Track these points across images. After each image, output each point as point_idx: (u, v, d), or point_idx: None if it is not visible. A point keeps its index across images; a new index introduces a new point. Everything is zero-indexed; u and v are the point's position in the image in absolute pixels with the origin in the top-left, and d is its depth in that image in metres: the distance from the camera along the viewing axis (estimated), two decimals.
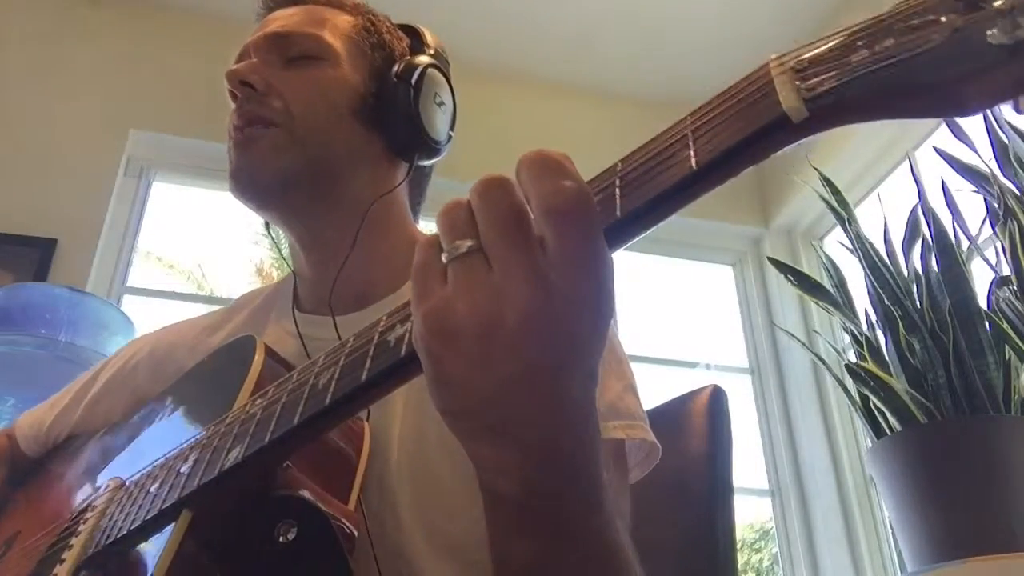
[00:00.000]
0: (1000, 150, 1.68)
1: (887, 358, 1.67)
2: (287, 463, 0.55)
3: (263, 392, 0.56)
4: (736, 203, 2.89)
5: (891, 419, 1.59)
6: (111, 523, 0.60)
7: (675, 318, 3.08)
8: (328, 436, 0.62)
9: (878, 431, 1.63)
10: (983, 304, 1.60)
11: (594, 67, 2.91)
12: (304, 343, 0.77)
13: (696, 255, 2.98)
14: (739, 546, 1.19)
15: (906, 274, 1.73)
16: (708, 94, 0.39)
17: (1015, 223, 1.55)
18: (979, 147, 1.72)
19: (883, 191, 2.60)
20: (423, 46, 0.88)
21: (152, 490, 0.57)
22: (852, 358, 1.82)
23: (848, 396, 1.78)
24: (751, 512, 4.09)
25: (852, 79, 0.33)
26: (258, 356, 0.65)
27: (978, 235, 1.71)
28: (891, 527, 2.16)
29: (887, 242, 1.80)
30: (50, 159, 2.32)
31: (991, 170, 1.66)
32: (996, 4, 0.29)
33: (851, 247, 1.80)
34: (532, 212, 0.39)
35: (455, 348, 0.38)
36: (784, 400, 2.72)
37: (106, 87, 2.49)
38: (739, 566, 0.94)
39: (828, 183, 1.92)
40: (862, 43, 0.33)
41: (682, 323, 3.07)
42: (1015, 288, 1.56)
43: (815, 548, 2.49)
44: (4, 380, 1.65)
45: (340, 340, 0.51)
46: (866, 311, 1.76)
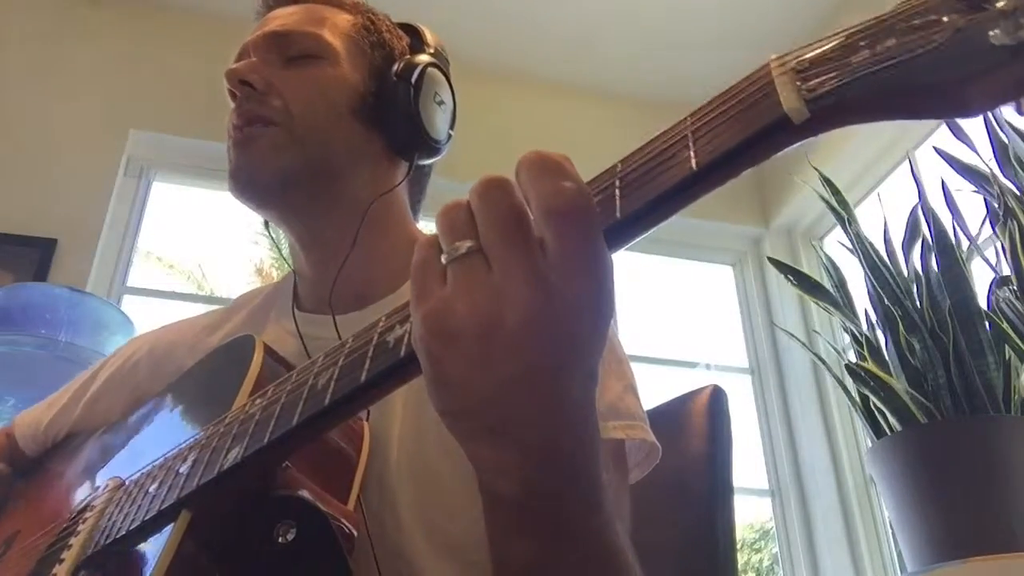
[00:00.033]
0: (1000, 150, 1.68)
1: (887, 358, 1.67)
2: (286, 463, 0.55)
3: (262, 392, 0.55)
4: (736, 203, 2.89)
5: (891, 419, 1.59)
6: (110, 523, 0.59)
7: (675, 318, 3.07)
8: (328, 436, 0.62)
9: (878, 431, 1.63)
10: (983, 304, 1.60)
11: (594, 67, 2.91)
12: (304, 342, 0.77)
13: (696, 255, 2.98)
14: (739, 546, 1.19)
15: (906, 274, 1.73)
16: (708, 94, 0.39)
17: (1015, 223, 1.55)
18: (979, 147, 1.72)
19: (883, 191, 2.60)
20: (423, 45, 0.87)
21: (151, 490, 0.57)
22: (852, 358, 1.82)
23: (848, 396, 1.78)
24: (751, 512, 4.09)
25: (853, 80, 0.32)
26: (257, 355, 0.65)
27: (978, 235, 1.71)
28: (891, 527, 2.15)
29: (887, 242, 1.80)
30: (50, 159, 2.32)
31: (991, 170, 1.65)
32: (999, 4, 0.29)
33: (851, 247, 1.80)
34: (532, 213, 0.39)
35: (454, 349, 0.38)
36: (784, 400, 2.72)
37: (106, 87, 2.48)
38: (739, 566, 0.94)
39: (828, 183, 1.92)
40: (863, 43, 0.33)
41: (682, 323, 3.07)
42: (1015, 288, 1.56)
43: (815, 548, 2.49)
44: (4, 380, 1.65)
45: (340, 339, 0.51)
46: (866, 311, 1.76)
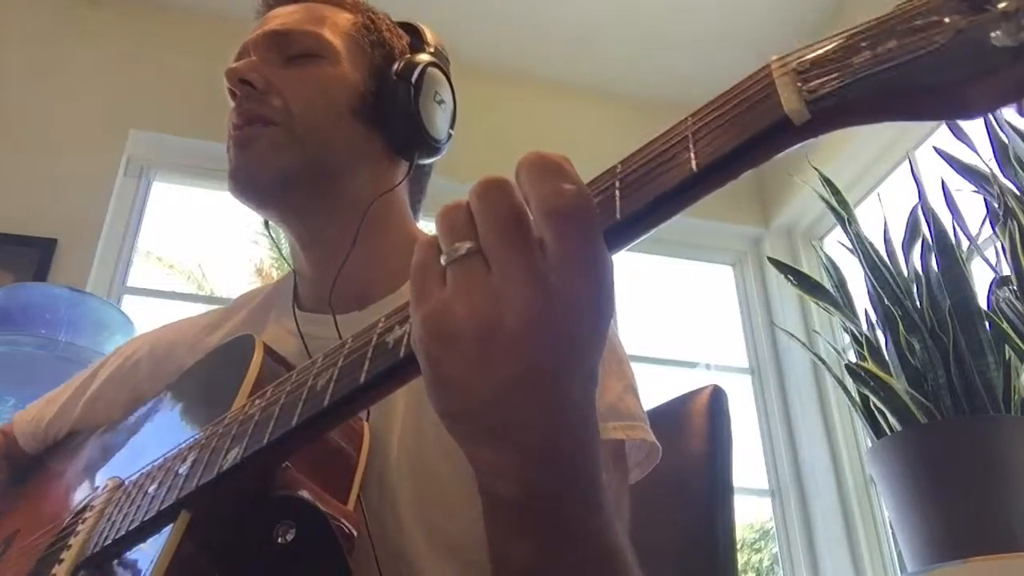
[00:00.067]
0: (1000, 150, 1.68)
1: (887, 358, 1.67)
2: (286, 463, 0.55)
3: (262, 392, 0.55)
4: (736, 203, 2.89)
5: (891, 419, 1.59)
6: (109, 524, 0.59)
7: (675, 318, 3.07)
8: (328, 436, 0.62)
9: (878, 431, 1.63)
10: (983, 304, 1.60)
11: (594, 67, 2.91)
12: (305, 342, 0.77)
13: (696, 255, 2.98)
14: (739, 546, 1.19)
15: (906, 274, 1.73)
16: (708, 94, 0.39)
17: (1015, 223, 1.55)
18: (979, 147, 1.72)
19: (883, 191, 2.59)
20: (423, 44, 0.87)
21: (150, 491, 0.57)
22: (852, 358, 1.82)
23: (848, 396, 1.77)
24: (751, 512, 4.09)
25: (854, 81, 0.32)
26: (257, 355, 0.65)
27: (978, 235, 1.71)
28: (891, 527, 2.15)
29: (887, 242, 1.79)
30: (50, 159, 2.32)
31: (991, 170, 1.65)
32: (1000, 6, 0.29)
33: (851, 247, 1.80)
34: (531, 214, 0.39)
35: (454, 351, 0.38)
36: (784, 400, 2.72)
37: (106, 87, 2.48)
38: (739, 566, 0.94)
39: (828, 183, 1.92)
40: (864, 44, 0.32)
41: (682, 323, 3.07)
42: (1015, 288, 1.56)
43: (815, 548, 2.49)
44: (4, 380, 1.65)
45: (340, 339, 0.51)
46: (866, 311, 1.76)
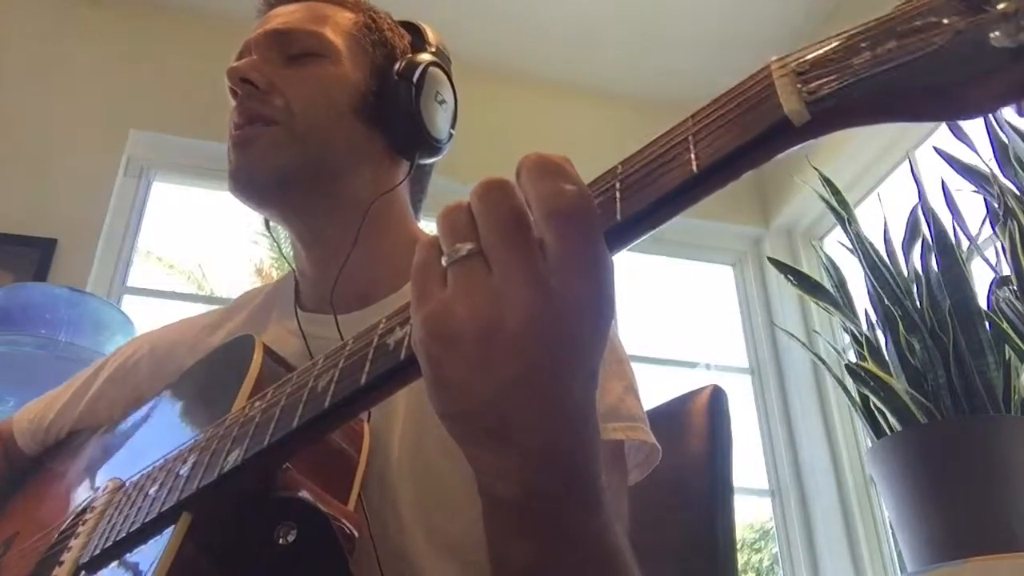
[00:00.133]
0: (1000, 150, 1.68)
1: (887, 358, 1.67)
2: (287, 465, 0.55)
3: (262, 394, 0.55)
4: (736, 203, 2.89)
5: (891, 419, 1.59)
6: (110, 525, 0.59)
7: (675, 318, 3.07)
8: (328, 437, 0.62)
9: (878, 431, 1.63)
10: (983, 304, 1.60)
11: (594, 67, 2.91)
12: (307, 341, 0.77)
13: (696, 255, 2.98)
14: (739, 546, 1.19)
15: (906, 274, 1.73)
16: (709, 95, 0.39)
17: (1015, 223, 1.55)
18: (979, 147, 1.72)
19: (883, 191, 2.59)
20: (424, 44, 0.87)
21: (151, 492, 0.57)
22: (852, 358, 1.82)
23: (848, 396, 1.77)
24: (751, 512, 4.09)
25: (854, 82, 0.32)
26: (257, 356, 0.65)
27: (978, 235, 1.71)
28: (891, 527, 2.15)
29: (887, 242, 1.79)
30: (50, 159, 2.32)
31: (991, 170, 1.65)
32: (999, 7, 0.29)
33: (851, 247, 1.80)
34: (532, 215, 0.39)
35: (455, 352, 0.38)
36: (784, 400, 2.72)
37: (106, 87, 2.48)
38: (739, 566, 0.94)
39: (828, 183, 1.92)
40: (864, 45, 0.32)
41: (682, 323, 3.07)
42: (1015, 288, 1.56)
43: (815, 548, 2.49)
44: (4, 380, 1.65)
45: (342, 339, 0.51)
46: (866, 311, 1.76)
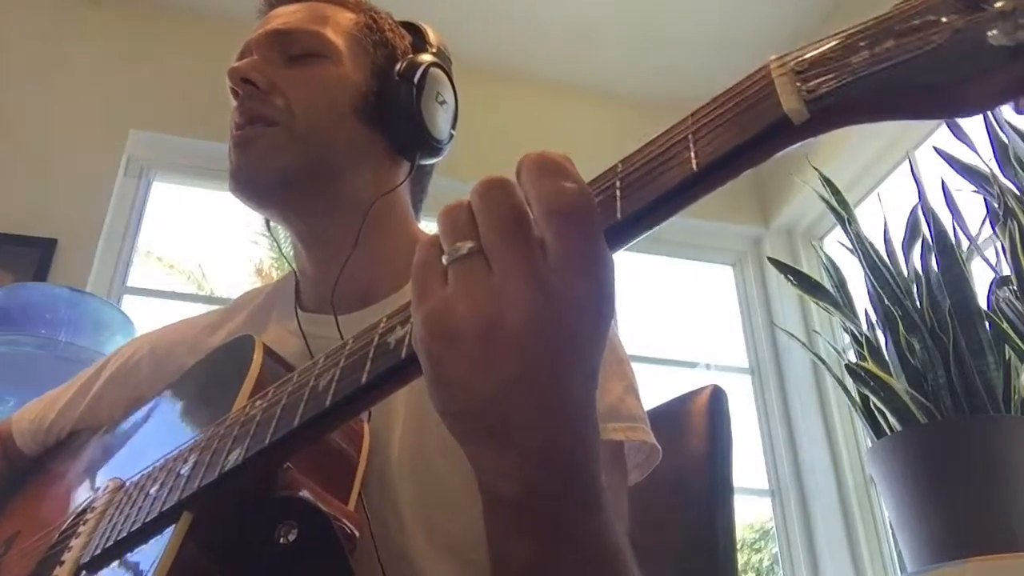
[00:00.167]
0: (1000, 150, 1.68)
1: (887, 358, 1.67)
2: (287, 464, 0.55)
3: (263, 393, 0.55)
4: (736, 203, 2.89)
5: (891, 419, 1.59)
6: (110, 525, 0.59)
7: (675, 318, 3.07)
8: (328, 437, 0.62)
9: (878, 431, 1.63)
10: (983, 304, 1.60)
11: (594, 67, 2.91)
12: (307, 341, 0.77)
13: (696, 255, 2.98)
14: (739, 546, 1.19)
15: (906, 274, 1.73)
16: (708, 94, 0.39)
17: (1015, 223, 1.55)
18: (979, 147, 1.72)
19: (883, 191, 2.60)
20: (425, 44, 0.87)
21: (152, 492, 0.57)
22: (852, 358, 1.82)
23: (848, 396, 1.78)
24: (751, 512, 4.09)
25: (853, 80, 0.32)
26: (257, 356, 0.65)
27: (978, 235, 1.71)
28: (891, 527, 2.15)
29: (887, 242, 1.79)
30: (50, 159, 2.32)
31: (991, 170, 1.65)
32: (997, 5, 0.29)
33: (851, 247, 1.80)
34: (533, 213, 0.39)
35: (455, 350, 0.38)
36: (784, 400, 2.72)
37: (106, 87, 2.48)
38: (739, 566, 0.94)
39: (828, 183, 1.92)
40: (863, 44, 0.33)
41: (682, 323, 3.07)
42: (1015, 288, 1.56)
43: (815, 548, 2.49)
44: (4, 380, 1.65)
45: (342, 339, 0.51)
46: (866, 311, 1.76)
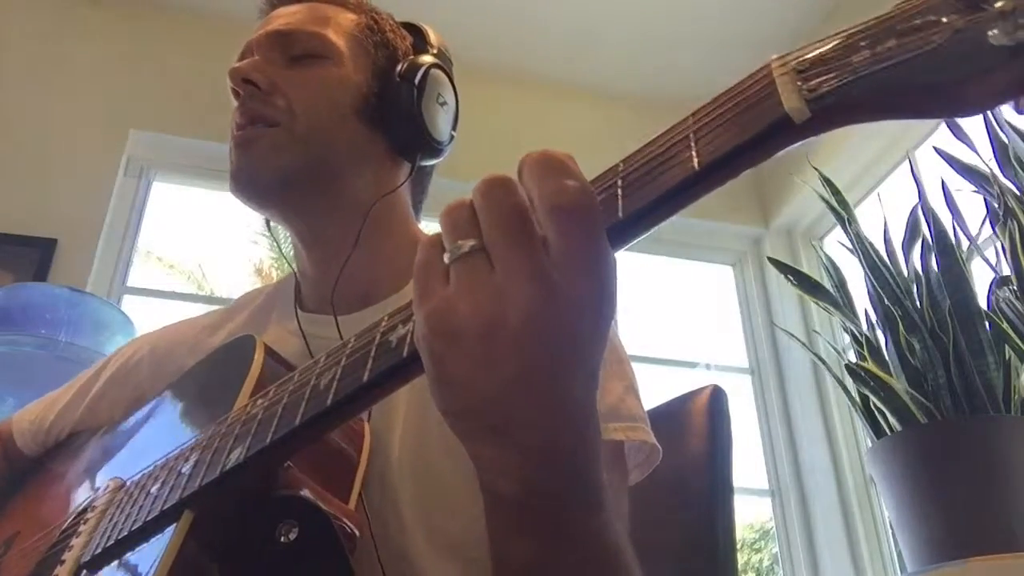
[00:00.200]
0: (1000, 150, 1.68)
1: (887, 358, 1.67)
2: (288, 463, 0.55)
3: (264, 392, 0.55)
4: (736, 203, 2.89)
5: (891, 419, 1.59)
6: (111, 524, 0.59)
7: (675, 318, 3.07)
8: (329, 436, 0.62)
9: (878, 431, 1.63)
10: (983, 304, 1.60)
11: (594, 67, 2.91)
12: (307, 342, 0.77)
13: (696, 255, 2.98)
14: (739, 546, 1.19)
15: (906, 274, 1.73)
16: (708, 94, 0.39)
17: (1015, 223, 1.55)
18: (979, 147, 1.72)
19: (883, 191, 2.60)
20: (426, 45, 0.87)
21: (153, 491, 0.57)
22: (852, 358, 1.82)
23: (848, 396, 1.78)
24: (751, 512, 4.10)
25: (854, 80, 0.33)
26: (258, 355, 0.65)
27: (978, 235, 1.71)
28: (891, 527, 2.15)
29: (887, 242, 1.79)
30: (50, 159, 2.32)
31: (991, 170, 1.66)
32: (997, 5, 0.29)
33: (851, 247, 1.80)
34: (535, 212, 0.39)
35: (457, 348, 0.38)
36: (784, 400, 2.72)
37: (106, 87, 2.49)
38: (739, 566, 0.94)
39: (828, 183, 1.92)
40: (864, 43, 0.33)
41: (682, 323, 3.07)
42: (1015, 288, 1.56)
43: (815, 548, 2.49)
44: (4, 380, 1.65)
45: (342, 339, 0.51)
46: (866, 311, 1.76)
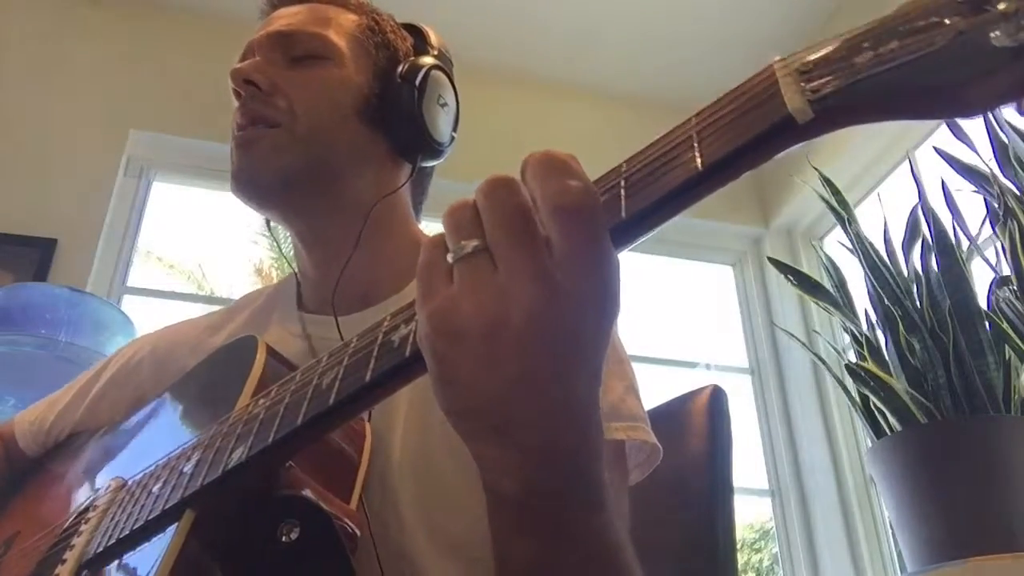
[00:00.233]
0: (1000, 150, 1.68)
1: (887, 358, 1.67)
2: (290, 463, 0.55)
3: (266, 392, 0.55)
4: (736, 203, 2.89)
5: (891, 419, 1.59)
6: (113, 523, 0.59)
7: (675, 318, 3.08)
8: (330, 436, 0.62)
9: (878, 431, 1.63)
10: (983, 304, 1.60)
11: (594, 67, 2.91)
12: (311, 342, 0.77)
13: (696, 255, 2.98)
14: (739, 546, 1.19)
15: (906, 274, 1.73)
16: (709, 94, 0.39)
17: (1015, 223, 1.55)
18: (979, 147, 1.72)
19: (883, 191, 2.60)
20: (427, 46, 0.87)
21: (155, 490, 0.57)
22: (852, 358, 1.82)
23: (848, 396, 1.78)
24: (751, 512, 4.10)
25: (857, 81, 0.33)
26: (259, 356, 0.65)
27: (978, 235, 1.71)
28: (891, 527, 2.16)
29: (887, 242, 1.80)
30: (50, 159, 2.32)
31: (991, 170, 1.66)
32: (1000, 7, 0.29)
33: (851, 247, 1.80)
34: (538, 212, 0.39)
35: (460, 348, 0.39)
36: (784, 400, 2.72)
37: (106, 87, 2.48)
38: (739, 566, 0.94)
39: (828, 183, 1.92)
40: (866, 45, 0.33)
41: (682, 323, 3.07)
42: (1015, 288, 1.56)
43: (815, 548, 2.49)
44: (4, 380, 1.65)
45: (343, 340, 0.51)
46: (866, 311, 1.76)
